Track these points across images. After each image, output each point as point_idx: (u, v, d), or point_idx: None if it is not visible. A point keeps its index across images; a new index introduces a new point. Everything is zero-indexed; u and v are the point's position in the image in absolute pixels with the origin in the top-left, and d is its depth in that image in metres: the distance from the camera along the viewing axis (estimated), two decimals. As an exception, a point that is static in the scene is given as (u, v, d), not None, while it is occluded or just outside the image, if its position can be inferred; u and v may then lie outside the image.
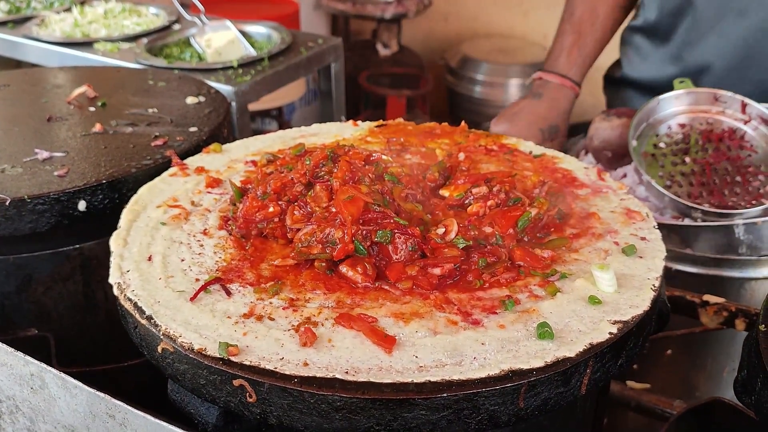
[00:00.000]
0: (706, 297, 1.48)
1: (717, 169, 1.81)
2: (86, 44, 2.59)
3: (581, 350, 0.95)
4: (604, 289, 1.06)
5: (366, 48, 4.93)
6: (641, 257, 1.15)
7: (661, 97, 1.92)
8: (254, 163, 1.42)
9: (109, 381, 1.20)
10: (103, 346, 1.50)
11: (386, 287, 1.06)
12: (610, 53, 2.29)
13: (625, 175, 1.94)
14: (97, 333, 1.50)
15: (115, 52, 2.53)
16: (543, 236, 1.18)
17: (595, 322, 1.00)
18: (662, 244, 1.19)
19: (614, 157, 1.96)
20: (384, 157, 1.28)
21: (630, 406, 1.62)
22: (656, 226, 1.23)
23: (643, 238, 1.19)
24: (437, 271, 1.06)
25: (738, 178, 1.78)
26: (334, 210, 1.11)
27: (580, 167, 1.43)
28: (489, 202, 1.19)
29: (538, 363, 0.93)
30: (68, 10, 2.94)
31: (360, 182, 1.15)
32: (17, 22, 2.83)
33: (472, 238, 1.12)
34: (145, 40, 2.62)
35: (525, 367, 0.92)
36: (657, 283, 1.09)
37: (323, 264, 1.09)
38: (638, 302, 1.04)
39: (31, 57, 2.67)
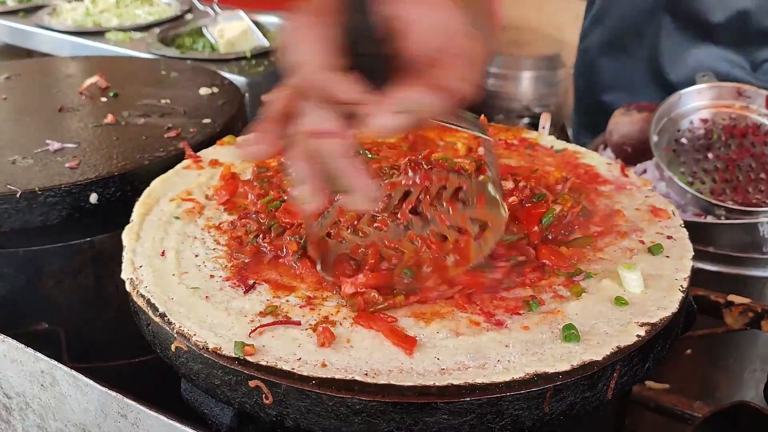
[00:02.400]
0: (731, 297, 1.44)
1: (741, 166, 1.77)
2: (98, 34, 2.57)
3: (608, 354, 0.92)
4: (631, 289, 1.02)
5: (378, 40, 4.89)
6: (668, 257, 1.11)
7: (683, 91, 1.88)
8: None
9: (120, 376, 1.18)
10: (113, 340, 1.47)
11: (406, 286, 1.02)
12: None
13: (645, 171, 1.91)
14: (107, 327, 1.48)
15: (127, 41, 2.51)
16: (567, 234, 1.15)
17: (622, 324, 0.97)
18: (689, 243, 1.15)
19: (634, 152, 1.93)
20: None
21: (649, 406, 1.59)
22: (683, 225, 1.19)
23: (669, 237, 1.16)
24: (458, 269, 1.03)
25: (762, 175, 1.75)
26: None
27: (603, 163, 1.39)
28: (510, 199, 1.16)
29: (564, 366, 0.89)
30: (80, -2, 2.92)
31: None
32: (28, 11, 2.81)
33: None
34: (157, 30, 2.59)
35: (551, 370, 0.89)
36: (685, 284, 1.05)
37: None
38: (666, 304, 1.01)
39: (43, 46, 2.65)
